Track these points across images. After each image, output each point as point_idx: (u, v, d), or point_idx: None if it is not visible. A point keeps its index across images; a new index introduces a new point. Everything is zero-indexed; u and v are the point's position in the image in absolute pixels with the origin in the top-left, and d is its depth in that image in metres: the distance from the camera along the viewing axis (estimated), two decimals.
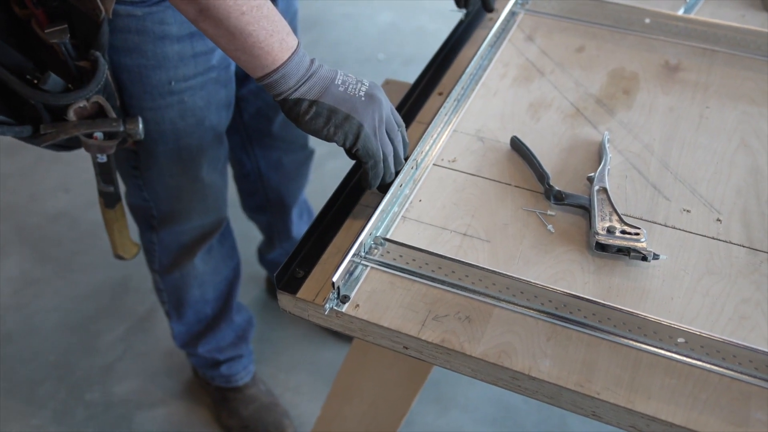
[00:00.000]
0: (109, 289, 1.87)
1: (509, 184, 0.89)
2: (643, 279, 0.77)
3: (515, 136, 0.94)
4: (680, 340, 0.69)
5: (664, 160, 0.93)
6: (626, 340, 0.70)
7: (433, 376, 1.08)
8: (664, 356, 0.69)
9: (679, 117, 1.00)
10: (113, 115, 0.95)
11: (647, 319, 0.69)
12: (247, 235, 1.83)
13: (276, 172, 1.47)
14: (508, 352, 0.69)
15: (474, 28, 1.17)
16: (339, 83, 0.77)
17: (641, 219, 0.84)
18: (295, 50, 0.75)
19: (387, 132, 0.80)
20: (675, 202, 0.86)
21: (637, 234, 0.78)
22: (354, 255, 0.76)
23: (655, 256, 0.77)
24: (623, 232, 0.78)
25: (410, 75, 1.11)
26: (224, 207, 1.28)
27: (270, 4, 0.73)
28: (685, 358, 0.68)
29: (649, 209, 0.85)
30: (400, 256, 0.77)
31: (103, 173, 1.06)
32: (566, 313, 0.72)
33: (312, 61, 0.77)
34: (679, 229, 0.83)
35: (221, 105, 1.10)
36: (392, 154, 0.81)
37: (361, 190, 0.88)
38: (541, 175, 0.88)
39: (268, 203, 1.54)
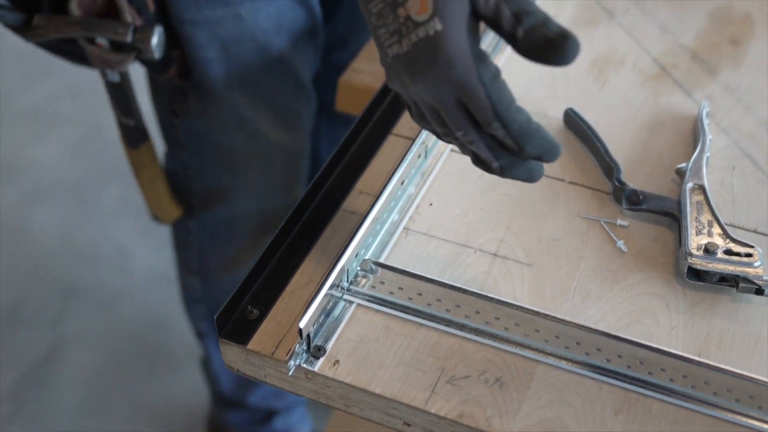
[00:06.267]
0: None
1: (561, 180, 0.87)
2: (757, 321, 0.74)
3: (570, 109, 0.92)
4: None
5: None
6: (733, 415, 0.68)
7: None
8: None
9: None
10: (127, 18, 0.95)
11: (764, 384, 0.67)
12: None
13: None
14: None
15: None
16: None
17: (755, 232, 0.82)
18: None
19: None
20: None
21: (750, 255, 0.76)
22: (332, 287, 0.74)
23: None
24: (728, 252, 0.76)
25: None
26: (298, 183, 1.25)
27: None
28: None
29: (766, 217, 0.83)
30: (400, 288, 0.75)
31: (118, 99, 1.06)
32: (644, 375, 0.70)
33: None
34: None
35: (300, 35, 1.06)
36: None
37: (347, 185, 0.86)
38: (609, 167, 0.86)
39: None
